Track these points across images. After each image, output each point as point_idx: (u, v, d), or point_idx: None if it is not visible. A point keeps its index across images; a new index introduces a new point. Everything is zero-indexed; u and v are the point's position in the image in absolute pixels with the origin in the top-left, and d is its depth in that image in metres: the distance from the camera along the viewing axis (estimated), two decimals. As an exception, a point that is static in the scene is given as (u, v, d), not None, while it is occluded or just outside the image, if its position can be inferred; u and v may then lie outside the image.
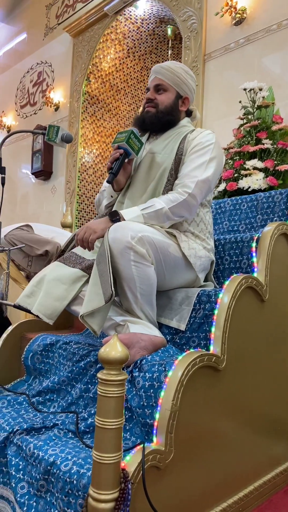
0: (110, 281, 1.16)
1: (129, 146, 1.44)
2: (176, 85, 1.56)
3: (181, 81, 1.56)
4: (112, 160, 1.45)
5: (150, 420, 1.02)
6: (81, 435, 1.12)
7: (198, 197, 1.41)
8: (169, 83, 1.55)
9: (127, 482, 0.78)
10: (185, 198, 1.38)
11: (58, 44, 4.84)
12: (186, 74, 1.57)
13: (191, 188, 1.39)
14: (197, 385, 0.99)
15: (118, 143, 1.46)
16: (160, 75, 1.56)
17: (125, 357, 0.78)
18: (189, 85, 1.58)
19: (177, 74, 1.55)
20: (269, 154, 2.21)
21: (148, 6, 4.03)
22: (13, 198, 5.26)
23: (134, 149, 1.46)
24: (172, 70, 1.55)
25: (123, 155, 1.44)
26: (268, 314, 1.29)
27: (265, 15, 2.92)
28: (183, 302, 1.36)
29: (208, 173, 1.43)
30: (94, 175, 4.57)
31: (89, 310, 1.17)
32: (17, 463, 1.07)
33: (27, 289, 1.41)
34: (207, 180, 1.43)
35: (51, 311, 1.35)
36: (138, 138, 1.47)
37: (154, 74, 1.58)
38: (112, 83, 4.62)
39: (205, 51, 3.25)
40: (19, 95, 5.42)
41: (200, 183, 1.40)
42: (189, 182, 1.40)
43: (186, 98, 1.60)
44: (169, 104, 1.56)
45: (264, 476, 1.24)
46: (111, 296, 1.15)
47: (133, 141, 1.45)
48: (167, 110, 1.55)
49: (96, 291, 1.19)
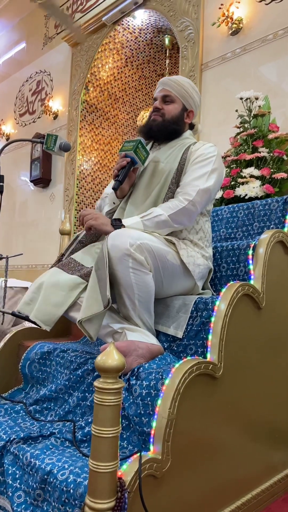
0: (107, 287, 1.17)
1: (136, 155, 1.48)
2: (183, 97, 1.61)
3: (187, 95, 1.61)
4: (118, 167, 1.49)
5: (147, 428, 1.02)
6: (78, 443, 1.12)
7: (198, 205, 1.43)
8: (176, 95, 1.61)
9: (123, 491, 0.78)
10: (185, 205, 1.40)
11: (57, 53, 4.88)
12: (193, 90, 1.63)
13: (192, 196, 1.41)
14: (194, 393, 0.99)
15: (125, 151, 1.50)
16: (168, 87, 1.61)
17: (122, 366, 0.78)
18: (195, 99, 1.64)
19: (184, 88, 1.61)
20: (265, 162, 2.23)
21: (145, 16, 4.08)
22: (12, 206, 5.27)
23: (140, 158, 1.50)
24: (180, 83, 1.61)
25: (130, 163, 1.48)
26: (265, 322, 1.29)
27: (261, 25, 2.96)
28: (180, 309, 1.37)
29: (210, 183, 1.46)
30: (92, 182, 4.59)
31: (87, 316, 1.18)
32: (14, 472, 1.06)
33: (27, 296, 1.41)
34: (208, 190, 1.45)
35: (49, 317, 1.35)
36: (145, 148, 1.51)
37: (162, 85, 1.63)
38: (110, 92, 4.66)
39: (202, 61, 3.28)
40: (18, 103, 5.46)
41: (201, 191, 1.43)
42: (190, 190, 1.43)
43: (191, 112, 1.65)
44: (175, 115, 1.60)
45: (262, 484, 1.23)
46: (108, 302, 1.15)
47: (140, 151, 1.49)
48: (173, 119, 1.60)
49: (95, 297, 1.20)
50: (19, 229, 5.14)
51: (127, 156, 1.49)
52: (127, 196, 1.57)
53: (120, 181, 1.48)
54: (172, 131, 1.60)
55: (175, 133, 1.61)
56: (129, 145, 1.50)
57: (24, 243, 5.01)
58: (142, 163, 1.51)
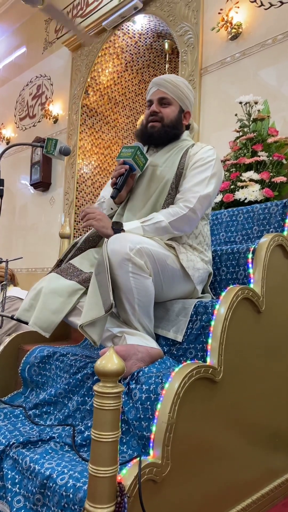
0: (109, 291, 1.17)
1: (135, 162, 1.45)
2: (179, 99, 1.56)
3: (183, 95, 1.56)
4: (117, 175, 1.47)
5: (147, 432, 1.02)
6: (78, 448, 1.12)
7: (198, 212, 1.42)
8: (173, 96, 1.55)
9: (123, 495, 0.78)
10: (186, 213, 1.40)
11: (57, 58, 4.91)
12: (188, 89, 1.58)
13: (192, 203, 1.40)
14: (194, 397, 0.98)
15: (124, 158, 1.47)
16: (163, 88, 1.55)
17: (121, 370, 0.78)
18: (190, 99, 1.60)
19: (180, 88, 1.55)
20: (265, 166, 2.23)
21: (145, 21, 4.10)
22: (12, 209, 5.28)
23: (139, 165, 1.47)
24: (175, 84, 1.55)
25: (128, 170, 1.45)
26: (265, 325, 1.29)
27: (260, 30, 2.97)
28: (180, 313, 1.37)
29: (210, 189, 1.45)
30: (92, 186, 4.60)
31: (88, 320, 1.17)
32: (13, 476, 1.06)
33: (25, 302, 1.41)
34: (208, 196, 1.45)
35: (48, 324, 1.35)
36: (143, 154, 1.48)
37: (157, 86, 1.57)
38: (110, 96, 4.68)
39: (202, 65, 3.30)
40: (18, 107, 5.48)
41: (201, 198, 1.42)
42: (191, 197, 1.42)
43: (188, 113, 1.61)
44: (174, 118, 1.56)
45: (262, 489, 1.23)
46: (111, 306, 1.15)
47: (138, 157, 1.46)
48: (173, 124, 1.56)
49: (96, 301, 1.20)
50: (19, 232, 5.15)
51: (126, 163, 1.46)
52: (125, 202, 1.55)
53: (119, 189, 1.45)
54: (172, 136, 1.57)
55: (175, 137, 1.58)
56: (127, 151, 1.47)
57: (24, 246, 5.01)
58: (140, 169, 1.48)
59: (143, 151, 1.49)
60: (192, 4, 3.38)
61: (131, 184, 1.54)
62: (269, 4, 2.93)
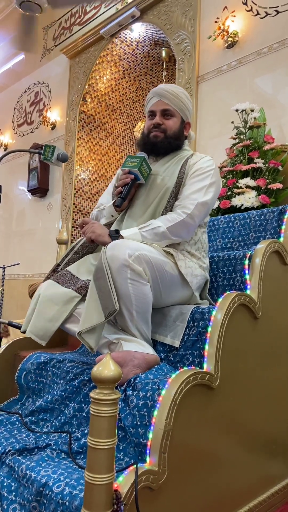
0: (112, 296, 1.17)
1: (140, 172, 1.48)
2: (181, 110, 1.58)
3: (184, 107, 1.58)
4: (122, 184, 1.50)
5: (143, 439, 1.02)
6: (74, 455, 1.11)
7: (196, 218, 1.44)
8: (175, 108, 1.56)
9: (119, 503, 0.77)
10: (183, 219, 1.41)
11: (55, 65, 4.94)
12: (188, 100, 1.60)
13: (190, 209, 1.42)
14: (191, 404, 0.98)
15: (129, 167, 1.49)
16: (166, 100, 1.56)
17: (118, 376, 0.78)
18: (190, 110, 1.62)
19: (181, 99, 1.57)
20: (261, 173, 2.25)
21: (143, 29, 4.14)
22: (9, 215, 5.28)
23: (143, 175, 1.50)
24: (177, 95, 1.56)
25: (133, 180, 1.49)
26: (261, 331, 1.30)
27: (256, 38, 3.01)
28: (177, 318, 1.37)
29: (208, 197, 1.47)
30: (90, 192, 4.61)
31: (88, 327, 1.18)
32: (9, 484, 1.05)
33: (29, 313, 1.41)
34: (206, 203, 1.46)
35: (44, 332, 1.35)
36: (148, 165, 1.52)
37: (158, 97, 1.57)
38: (108, 103, 4.71)
39: (199, 73, 3.33)
40: (16, 114, 5.50)
41: (199, 205, 1.44)
42: (189, 204, 1.43)
43: (188, 123, 1.63)
44: (177, 130, 1.58)
45: (259, 496, 1.22)
46: (113, 312, 1.16)
47: (143, 168, 1.49)
48: (175, 135, 1.57)
49: (95, 307, 1.20)
50: (16, 238, 5.15)
51: (131, 172, 1.49)
52: (125, 209, 1.57)
53: (123, 198, 1.48)
54: (175, 147, 1.59)
55: (177, 148, 1.60)
56: (133, 161, 1.49)
57: (21, 252, 5.00)
58: (144, 179, 1.51)
59: (148, 161, 1.52)
60: (189, 12, 3.42)
61: (133, 193, 1.56)
62: (265, 13, 2.97)
